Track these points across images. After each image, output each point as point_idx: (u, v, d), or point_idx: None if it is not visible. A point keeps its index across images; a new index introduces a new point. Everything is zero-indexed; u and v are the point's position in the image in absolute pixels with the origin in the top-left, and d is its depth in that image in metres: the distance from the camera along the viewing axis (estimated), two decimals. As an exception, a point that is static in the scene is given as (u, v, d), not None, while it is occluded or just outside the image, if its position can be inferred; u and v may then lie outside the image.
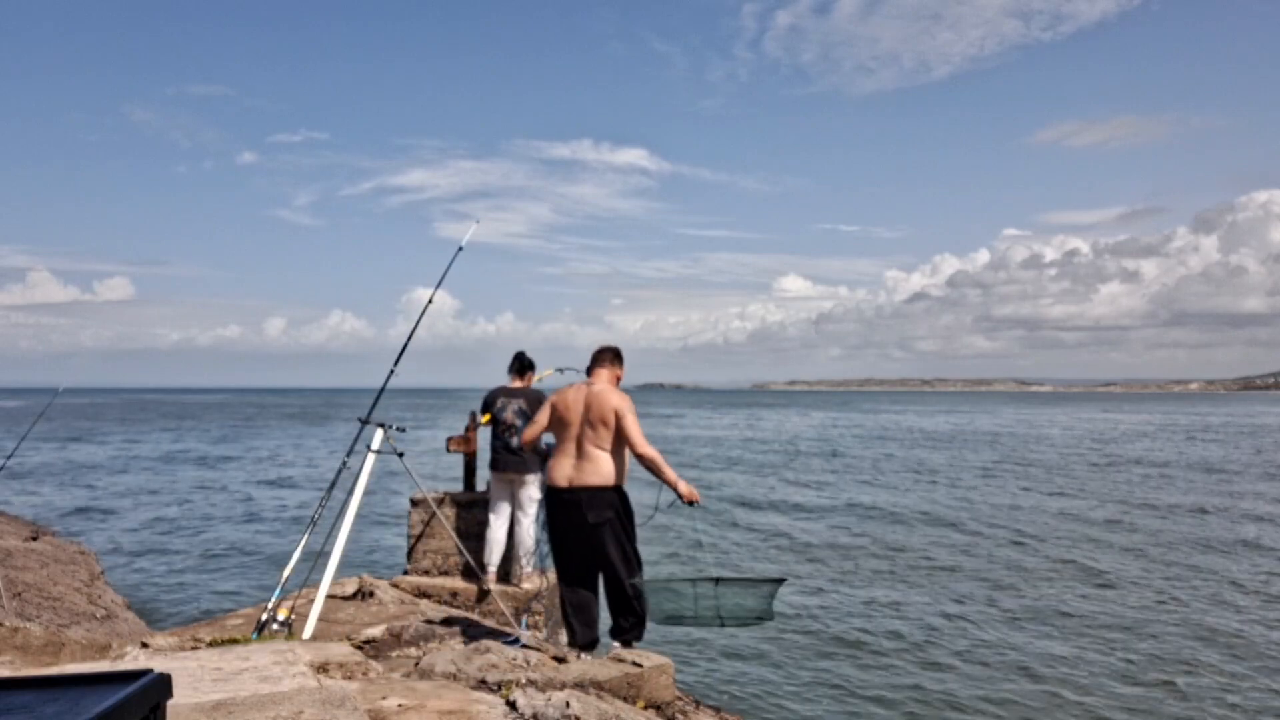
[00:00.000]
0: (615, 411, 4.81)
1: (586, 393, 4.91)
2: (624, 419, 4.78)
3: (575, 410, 4.89)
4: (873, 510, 20.99)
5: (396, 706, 3.59)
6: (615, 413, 4.81)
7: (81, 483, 26.84)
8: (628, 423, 4.78)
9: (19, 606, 8.42)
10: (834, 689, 8.78)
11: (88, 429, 57.81)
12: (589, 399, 4.88)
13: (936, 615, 11.44)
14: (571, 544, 4.94)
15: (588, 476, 4.80)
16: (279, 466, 33.05)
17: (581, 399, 4.90)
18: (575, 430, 4.87)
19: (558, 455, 4.95)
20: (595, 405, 4.84)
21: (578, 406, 4.89)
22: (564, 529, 4.93)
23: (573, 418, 4.88)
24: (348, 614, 6.29)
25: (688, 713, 4.95)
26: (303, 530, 5.60)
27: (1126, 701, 8.49)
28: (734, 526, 18.37)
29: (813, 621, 11.08)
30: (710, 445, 44.22)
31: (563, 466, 4.88)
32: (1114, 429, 59.89)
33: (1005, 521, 19.15)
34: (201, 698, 3.29)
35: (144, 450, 40.16)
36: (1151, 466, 32.01)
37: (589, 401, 4.87)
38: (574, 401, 4.91)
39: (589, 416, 4.84)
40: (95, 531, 18.17)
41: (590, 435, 4.84)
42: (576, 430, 4.87)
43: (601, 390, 4.91)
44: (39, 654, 4.59)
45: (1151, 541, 16.81)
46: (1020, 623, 11.14)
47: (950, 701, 8.47)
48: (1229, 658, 9.81)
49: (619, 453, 4.88)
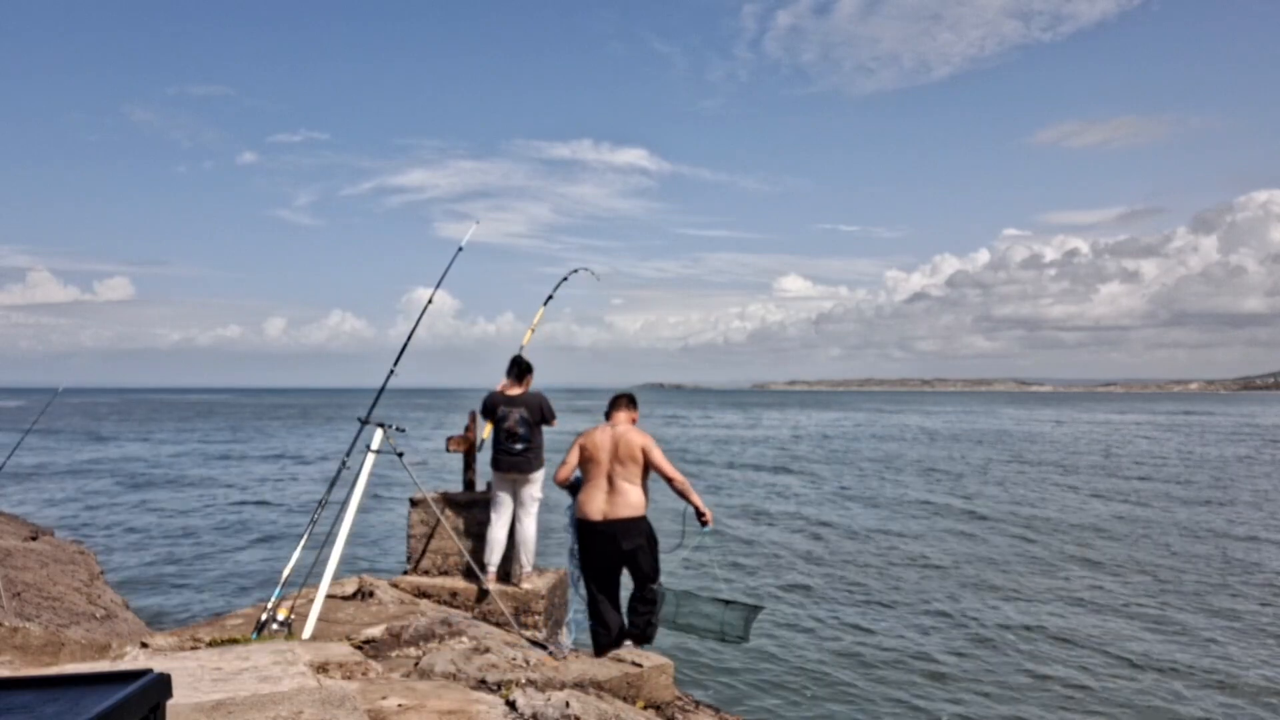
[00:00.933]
0: (642, 448, 5.49)
1: (612, 433, 5.58)
2: (651, 453, 5.50)
3: (604, 449, 5.52)
4: (873, 511, 20.99)
5: (396, 706, 3.59)
6: (642, 449, 5.48)
7: (81, 482, 26.84)
8: (656, 456, 5.49)
9: (18, 606, 8.42)
10: (834, 689, 8.78)
11: (87, 429, 57.80)
12: (615, 439, 5.54)
13: (938, 615, 11.44)
14: (604, 570, 5.57)
15: (620, 509, 5.42)
16: (279, 466, 33.05)
17: (609, 439, 5.55)
18: (605, 467, 5.49)
19: (589, 490, 5.53)
20: (622, 444, 5.50)
21: (606, 445, 5.53)
22: (598, 557, 5.54)
23: (602, 456, 5.51)
24: (347, 614, 6.28)
25: (687, 713, 4.95)
26: (302, 530, 5.60)
27: (1133, 699, 8.50)
28: (737, 533, 18.37)
29: (813, 622, 11.08)
30: (712, 445, 44.23)
31: (595, 501, 5.48)
32: (1119, 430, 59.90)
33: (1006, 522, 19.16)
34: (201, 698, 3.29)
35: (143, 450, 40.16)
36: (1178, 465, 32.03)
37: (616, 441, 5.53)
38: (602, 441, 5.55)
39: (617, 454, 5.49)
40: (95, 531, 18.18)
41: (620, 471, 5.47)
42: (606, 468, 5.49)
43: (626, 430, 5.59)
44: (38, 654, 4.59)
45: (1171, 540, 16.83)
46: (1021, 622, 11.14)
47: (951, 702, 8.47)
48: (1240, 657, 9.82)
49: (644, 485, 5.53)
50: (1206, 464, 32.85)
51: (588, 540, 5.54)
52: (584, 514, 5.51)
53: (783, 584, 13.21)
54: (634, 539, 5.41)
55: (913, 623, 11.08)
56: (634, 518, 5.44)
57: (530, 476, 6.99)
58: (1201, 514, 20.34)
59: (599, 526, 5.46)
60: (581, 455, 5.63)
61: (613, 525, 5.43)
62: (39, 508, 21.09)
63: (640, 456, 5.48)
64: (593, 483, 5.53)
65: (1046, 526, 18.52)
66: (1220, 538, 17.22)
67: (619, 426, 5.65)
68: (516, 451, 6.93)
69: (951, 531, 17.91)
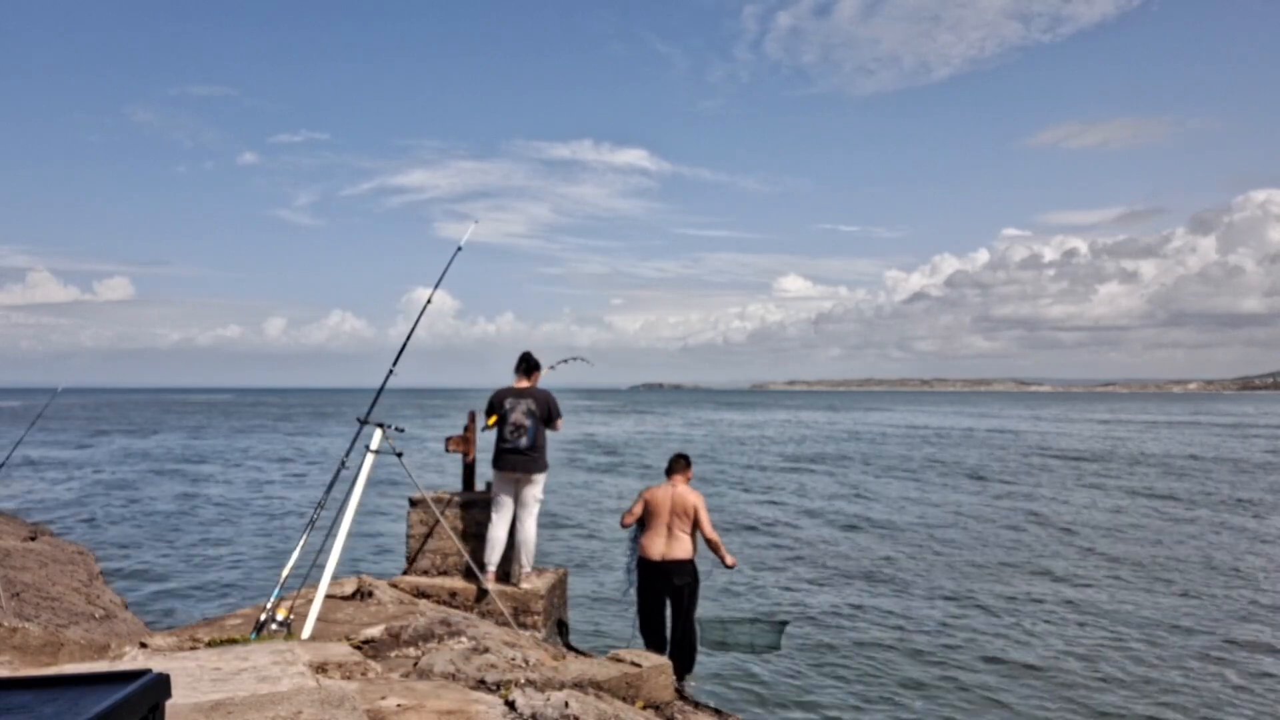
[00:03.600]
0: (695, 507, 6.98)
1: (672, 492, 7.04)
2: (700, 513, 6.98)
3: (664, 504, 6.98)
4: (872, 511, 20.99)
5: (395, 706, 3.59)
6: (695, 508, 6.97)
7: (80, 482, 26.83)
8: (703, 516, 6.99)
9: (17, 606, 8.42)
10: (834, 688, 8.78)
11: (87, 429, 57.78)
12: (674, 497, 7.00)
13: (940, 615, 11.44)
14: (656, 602, 7.02)
15: (675, 552, 6.91)
16: (278, 466, 33.04)
17: (669, 496, 7.01)
18: (665, 519, 6.96)
19: (650, 536, 6.99)
20: (679, 501, 6.99)
21: (666, 502, 6.99)
22: (653, 590, 6.99)
23: (663, 510, 6.97)
24: (347, 614, 6.28)
25: (686, 713, 4.95)
26: (301, 530, 5.60)
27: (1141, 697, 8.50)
28: (751, 532, 18.37)
29: (813, 621, 11.08)
30: (712, 444, 44.23)
31: (656, 544, 6.96)
32: (1163, 432, 59.87)
33: (1007, 522, 19.16)
34: (200, 698, 3.28)
35: (143, 450, 40.14)
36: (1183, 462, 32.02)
37: (674, 498, 7.00)
38: (663, 498, 7.02)
39: (675, 509, 6.96)
40: (94, 531, 18.16)
41: (676, 523, 6.95)
42: (665, 520, 6.96)
43: (683, 490, 7.07)
44: (37, 654, 4.58)
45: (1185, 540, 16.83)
46: (1023, 623, 11.14)
47: (953, 700, 8.47)
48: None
49: (694, 536, 7.03)
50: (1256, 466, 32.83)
51: (646, 576, 6.99)
52: (645, 554, 6.99)
53: (790, 583, 13.21)
54: (684, 577, 6.90)
55: (915, 622, 11.07)
56: (686, 559, 6.92)
57: (534, 477, 6.98)
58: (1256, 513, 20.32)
59: (657, 565, 6.91)
60: (645, 509, 7.05)
61: (668, 565, 6.88)
62: (38, 508, 21.08)
63: (693, 513, 6.95)
64: (654, 530, 6.98)
65: (1067, 527, 18.52)
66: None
67: (678, 487, 7.09)
68: (522, 448, 6.90)
69: (953, 531, 17.91)
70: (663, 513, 6.98)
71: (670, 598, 6.99)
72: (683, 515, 6.95)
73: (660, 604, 7.04)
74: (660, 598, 7.03)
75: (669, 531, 6.96)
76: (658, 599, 7.05)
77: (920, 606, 11.89)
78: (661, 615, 7.06)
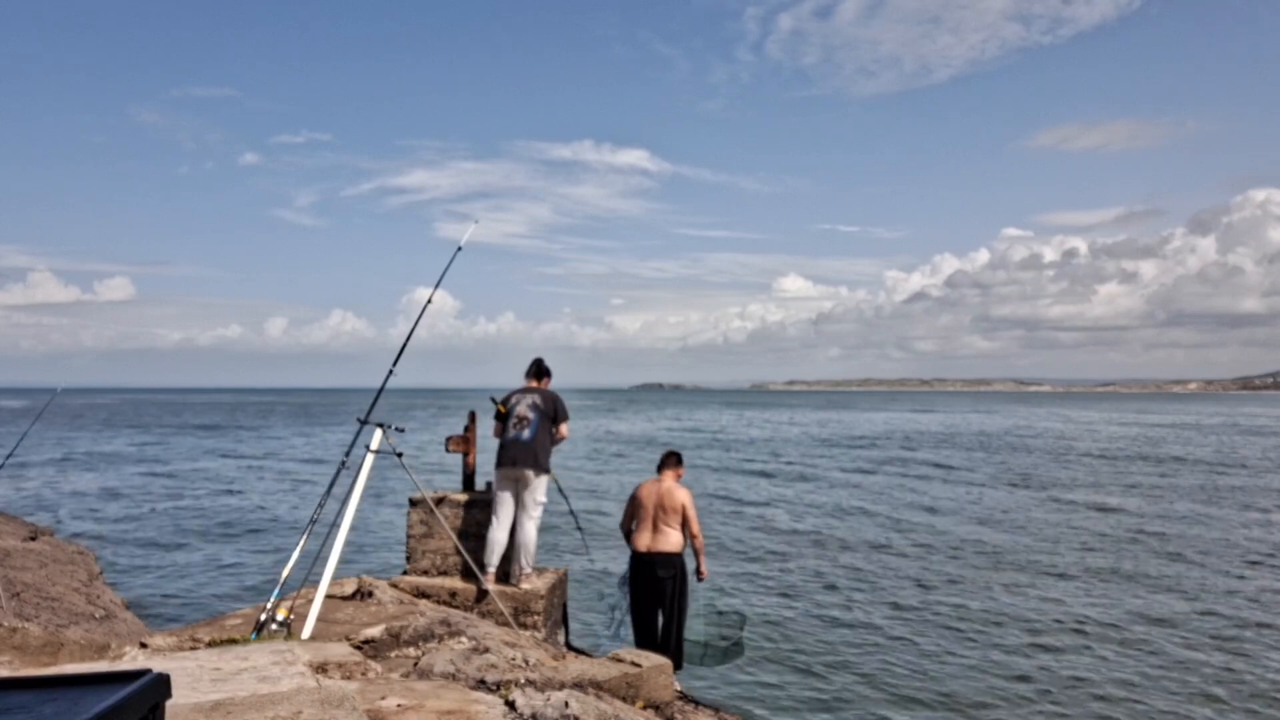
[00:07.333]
0: (683, 504, 7.06)
1: (659, 488, 7.13)
2: (688, 510, 7.08)
3: (652, 499, 7.09)
4: (871, 512, 20.99)
5: (395, 706, 3.59)
6: (683, 505, 7.06)
7: (80, 482, 26.83)
8: (690, 513, 7.06)
9: (18, 606, 8.43)
10: (834, 688, 8.78)
11: (87, 429, 57.78)
12: (662, 492, 7.09)
13: (941, 615, 11.44)
14: (645, 594, 7.08)
15: (661, 545, 7.01)
16: (278, 466, 33.04)
17: (656, 491, 7.11)
18: (651, 513, 7.09)
19: (639, 529, 7.11)
20: (667, 497, 7.08)
21: (654, 497, 7.10)
22: (641, 582, 7.09)
23: (650, 505, 7.08)
24: (347, 614, 6.27)
25: (686, 712, 4.95)
26: (302, 530, 5.60)
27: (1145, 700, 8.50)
28: (750, 531, 18.37)
29: (813, 621, 11.08)
30: (713, 445, 44.24)
31: (643, 537, 7.08)
32: (1183, 432, 59.89)
33: (1010, 521, 19.16)
34: (200, 698, 3.28)
35: (143, 450, 40.14)
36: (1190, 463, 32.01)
37: (662, 493, 7.10)
38: (650, 493, 7.13)
39: (662, 504, 7.06)
40: (94, 531, 18.17)
41: (663, 517, 7.05)
42: (652, 514, 7.08)
43: (671, 486, 7.14)
44: (37, 654, 4.59)
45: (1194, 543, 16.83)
46: (1025, 622, 11.14)
47: (954, 701, 8.47)
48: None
49: (681, 531, 7.09)
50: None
51: (633, 568, 7.12)
52: (633, 546, 7.10)
53: (786, 582, 13.21)
54: (668, 569, 6.99)
55: (915, 621, 11.07)
56: (671, 552, 7.01)
57: (534, 479, 6.96)
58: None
59: (643, 556, 7.05)
60: (635, 502, 7.17)
61: (653, 556, 7.00)
62: (38, 508, 21.08)
63: (680, 509, 7.05)
64: (643, 524, 7.12)
65: (1067, 527, 18.52)
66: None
67: (665, 483, 7.16)
68: (524, 440, 6.89)
69: (952, 531, 17.91)
70: (650, 506, 7.10)
71: (655, 589, 7.05)
72: (670, 510, 7.05)
73: (648, 597, 7.10)
74: (647, 590, 7.10)
75: (655, 525, 7.06)
76: (644, 592, 7.12)
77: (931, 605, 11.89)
78: (651, 609, 7.11)
